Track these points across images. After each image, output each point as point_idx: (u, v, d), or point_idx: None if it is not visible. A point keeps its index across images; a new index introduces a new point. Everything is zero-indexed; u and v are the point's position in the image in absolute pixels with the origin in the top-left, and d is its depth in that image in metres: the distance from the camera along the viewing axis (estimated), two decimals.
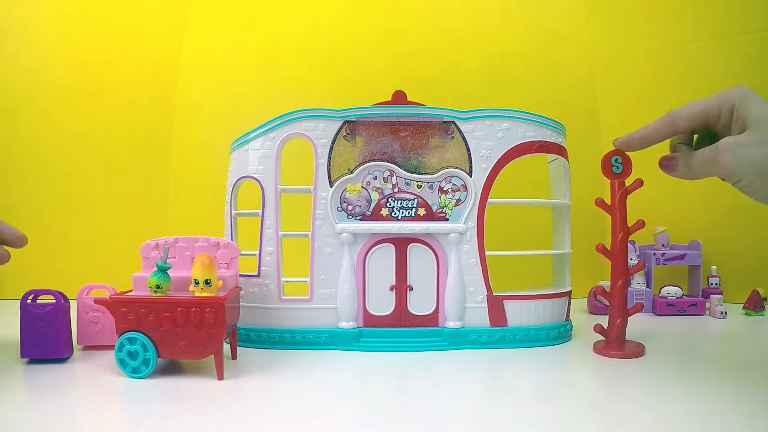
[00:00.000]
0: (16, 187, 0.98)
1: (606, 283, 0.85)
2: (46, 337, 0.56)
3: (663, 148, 0.57)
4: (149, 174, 1.00)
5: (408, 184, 0.66)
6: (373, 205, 0.66)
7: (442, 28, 1.01)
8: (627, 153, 0.61)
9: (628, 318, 0.63)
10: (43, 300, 0.58)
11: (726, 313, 0.83)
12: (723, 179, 0.50)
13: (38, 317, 0.56)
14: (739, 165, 0.45)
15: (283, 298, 0.66)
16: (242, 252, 0.61)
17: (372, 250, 0.66)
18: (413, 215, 0.66)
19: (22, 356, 0.56)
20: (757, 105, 0.46)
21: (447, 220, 0.66)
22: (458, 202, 0.66)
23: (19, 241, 0.58)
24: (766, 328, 0.78)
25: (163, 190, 1.01)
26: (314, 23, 1.01)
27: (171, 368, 0.55)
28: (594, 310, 0.87)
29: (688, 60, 0.97)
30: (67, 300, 0.59)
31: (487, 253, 0.66)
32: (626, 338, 0.63)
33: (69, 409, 0.45)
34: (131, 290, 0.56)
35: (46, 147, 0.99)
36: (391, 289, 0.66)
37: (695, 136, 0.54)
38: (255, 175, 0.66)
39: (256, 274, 0.66)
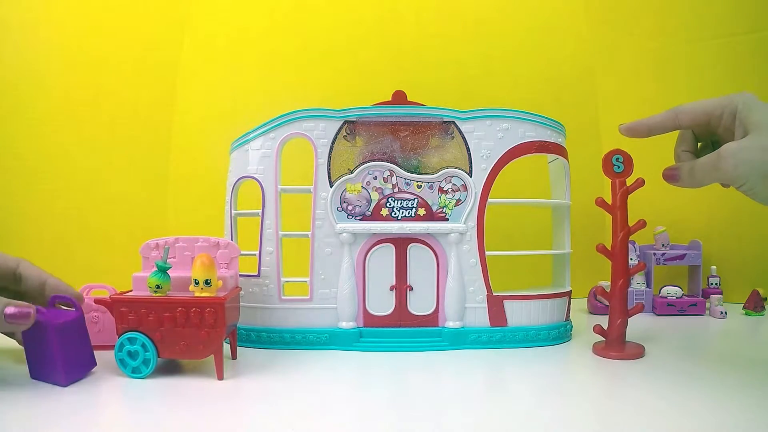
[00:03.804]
0: (15, 187, 0.98)
1: (606, 283, 0.85)
2: (77, 353, 0.52)
3: (662, 145, 0.57)
4: (149, 174, 1.00)
5: (408, 184, 0.66)
6: (373, 205, 0.66)
7: (442, 28, 1.01)
8: (628, 153, 0.62)
9: (628, 318, 0.63)
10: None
11: (726, 313, 0.83)
12: (724, 185, 0.51)
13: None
14: (741, 169, 0.46)
15: (283, 298, 0.66)
16: (242, 252, 0.61)
17: (372, 250, 0.66)
18: (413, 215, 0.66)
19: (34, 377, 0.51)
20: (758, 111, 0.47)
21: (447, 220, 0.66)
22: (458, 202, 0.66)
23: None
24: (766, 328, 0.78)
25: (163, 190, 1.00)
26: (314, 23, 1.01)
27: (171, 368, 0.55)
28: (594, 310, 0.87)
29: (688, 60, 0.97)
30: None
31: (487, 253, 0.66)
32: (626, 339, 0.63)
33: (68, 409, 0.45)
34: (131, 290, 0.56)
35: (46, 147, 0.98)
36: (391, 289, 0.66)
37: (699, 145, 0.55)
38: (255, 175, 0.66)
39: (256, 274, 0.66)
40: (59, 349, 0.50)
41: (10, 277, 0.55)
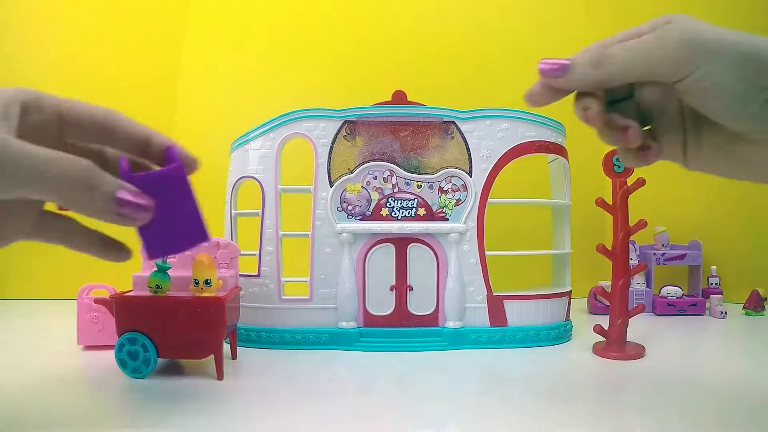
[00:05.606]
0: None
1: (606, 283, 0.85)
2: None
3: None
4: None
5: (408, 184, 0.66)
6: (373, 205, 0.66)
7: (442, 28, 1.01)
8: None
9: (629, 319, 0.63)
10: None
11: (726, 313, 0.83)
12: (656, 82, 0.33)
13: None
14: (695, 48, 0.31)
15: (283, 298, 0.66)
16: (242, 252, 0.61)
17: (372, 250, 0.66)
18: (413, 215, 0.66)
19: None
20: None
21: (447, 220, 0.66)
22: (458, 202, 0.66)
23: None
24: (766, 328, 0.78)
25: None
26: (314, 23, 1.01)
27: (171, 368, 0.55)
28: (594, 311, 0.87)
29: None
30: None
31: (487, 253, 0.66)
32: (626, 339, 0.63)
33: (69, 410, 0.45)
34: (131, 290, 0.56)
35: None
36: (391, 289, 0.66)
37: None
38: (255, 175, 0.66)
39: (256, 274, 0.66)
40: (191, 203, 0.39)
41: (100, 128, 0.39)
